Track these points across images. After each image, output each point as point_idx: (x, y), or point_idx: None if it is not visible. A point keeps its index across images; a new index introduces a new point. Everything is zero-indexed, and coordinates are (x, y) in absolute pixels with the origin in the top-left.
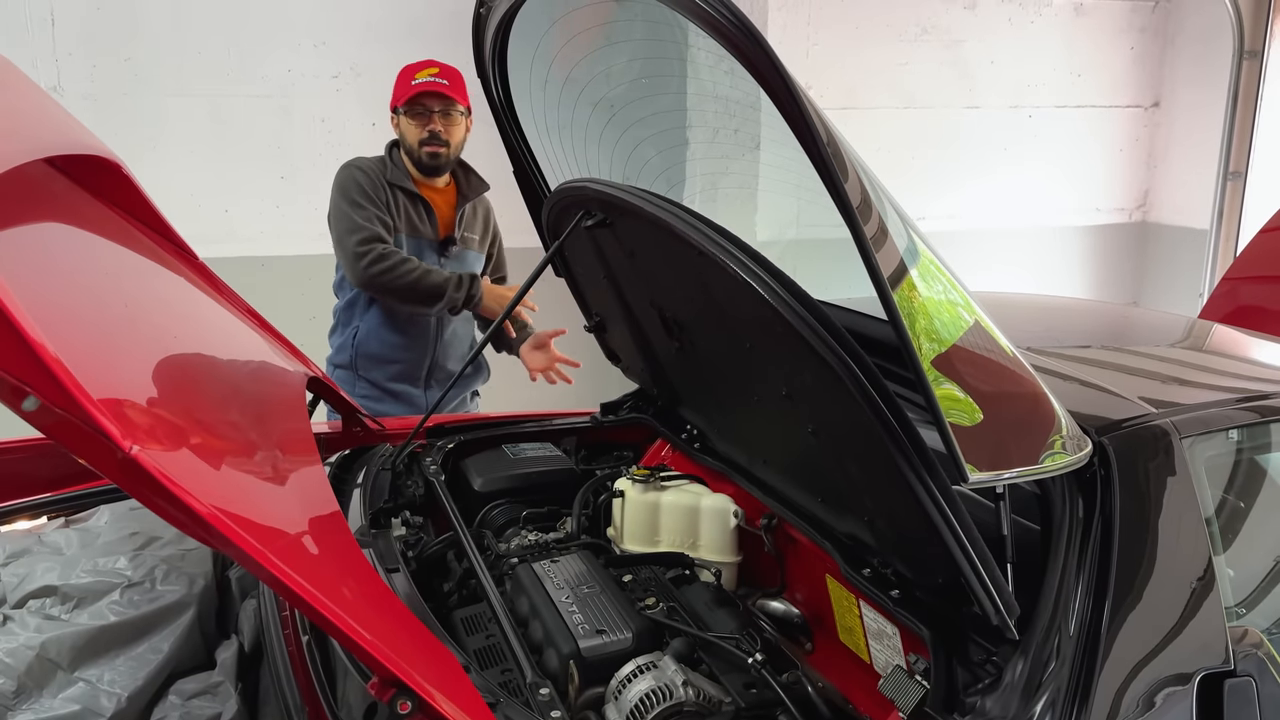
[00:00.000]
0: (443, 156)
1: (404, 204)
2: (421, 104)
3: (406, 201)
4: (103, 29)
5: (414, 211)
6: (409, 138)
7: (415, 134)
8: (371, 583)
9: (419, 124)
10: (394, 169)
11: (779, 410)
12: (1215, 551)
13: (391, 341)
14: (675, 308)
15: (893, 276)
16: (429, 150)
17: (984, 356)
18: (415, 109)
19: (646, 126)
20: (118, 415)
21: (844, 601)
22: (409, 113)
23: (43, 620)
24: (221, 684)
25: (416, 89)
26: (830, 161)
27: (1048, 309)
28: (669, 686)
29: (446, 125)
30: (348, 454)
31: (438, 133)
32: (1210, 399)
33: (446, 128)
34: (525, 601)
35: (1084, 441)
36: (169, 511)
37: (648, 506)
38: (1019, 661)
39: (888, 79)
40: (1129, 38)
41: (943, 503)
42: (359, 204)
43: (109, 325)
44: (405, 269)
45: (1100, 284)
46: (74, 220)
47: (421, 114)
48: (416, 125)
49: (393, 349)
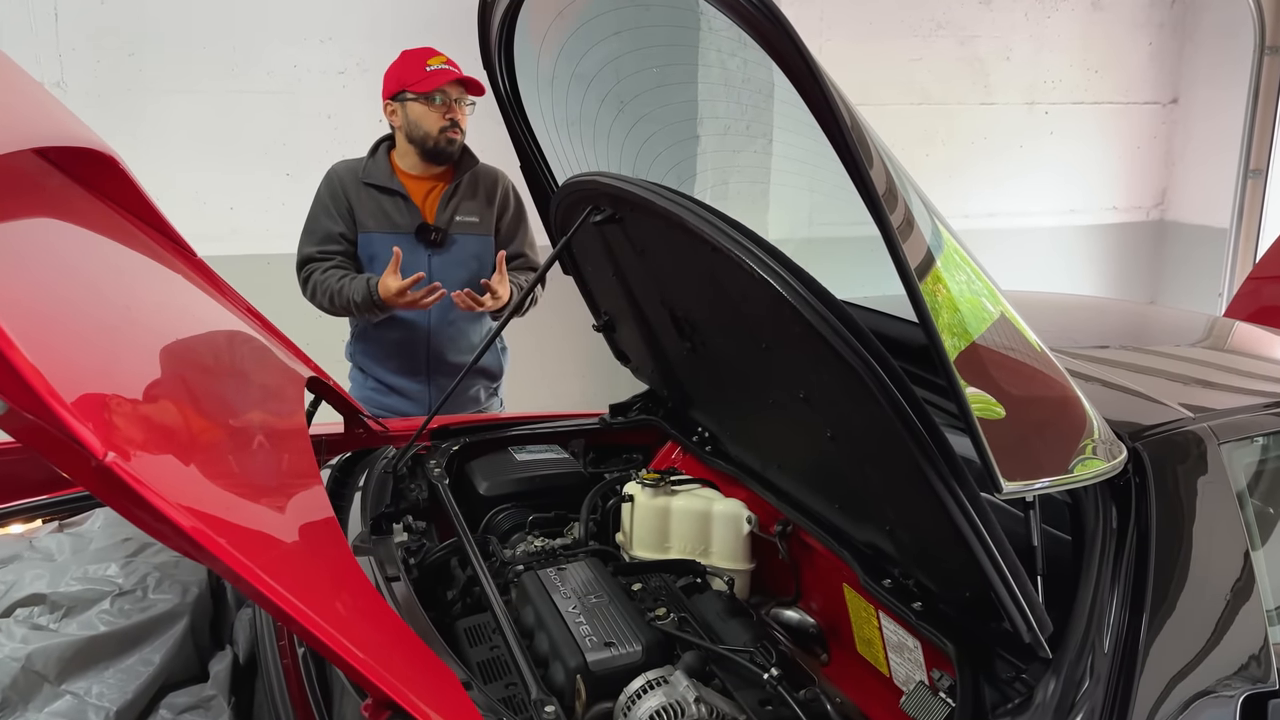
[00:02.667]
0: (457, 144)
1: (376, 202)
2: (445, 91)
3: (383, 198)
4: (107, 24)
5: (392, 206)
6: (425, 124)
7: (435, 121)
8: (367, 596)
9: (440, 111)
10: (372, 166)
11: (796, 413)
12: (1256, 563)
13: (385, 338)
14: (687, 306)
15: (919, 268)
16: (449, 136)
17: (1011, 355)
18: (437, 94)
19: (656, 120)
20: (96, 420)
21: (862, 612)
22: (427, 100)
23: (30, 630)
24: (214, 697)
25: (437, 76)
26: (854, 147)
27: (1064, 307)
28: (680, 703)
29: (462, 114)
30: (349, 456)
31: (456, 121)
32: (1245, 402)
33: (461, 115)
34: (531, 612)
35: (1118, 447)
36: (148, 523)
37: (658, 512)
38: (1051, 680)
39: (901, 75)
40: (1147, 33)
41: (972, 513)
42: (311, 225)
43: (99, 325)
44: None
45: (1117, 284)
46: (66, 215)
47: (443, 100)
48: (437, 113)
49: (387, 345)
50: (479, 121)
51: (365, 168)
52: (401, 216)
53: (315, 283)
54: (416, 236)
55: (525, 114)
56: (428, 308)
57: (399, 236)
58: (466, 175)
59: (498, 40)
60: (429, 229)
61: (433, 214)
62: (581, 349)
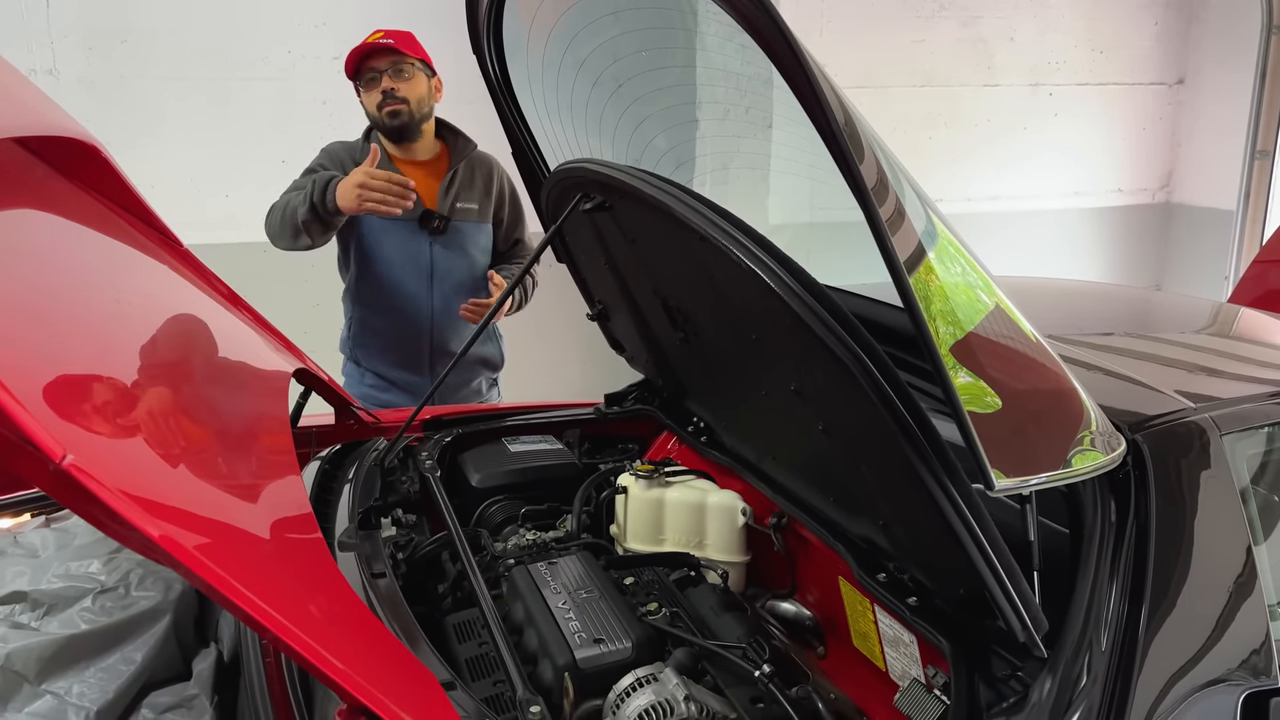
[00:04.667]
0: (404, 114)
1: None
2: (369, 67)
3: None
4: (99, 11)
5: None
6: (369, 106)
7: (372, 100)
8: (344, 599)
9: (372, 88)
10: (364, 149)
11: (788, 405)
12: (1259, 559)
13: (384, 329)
14: (679, 296)
15: (909, 260)
16: (389, 110)
17: (1007, 345)
18: (365, 74)
19: (653, 104)
20: (58, 420)
21: (858, 606)
22: (361, 81)
23: (10, 629)
24: (197, 697)
25: (357, 53)
26: (844, 142)
27: (1066, 293)
28: (670, 702)
29: (399, 82)
30: (340, 448)
31: (391, 90)
32: (1249, 392)
33: (399, 85)
34: (520, 608)
35: (1116, 439)
36: (113, 530)
37: (652, 503)
38: (1047, 679)
39: (904, 57)
40: (1153, 13)
41: (965, 510)
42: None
43: (70, 318)
44: (276, 211)
45: (1122, 267)
46: (45, 205)
47: (372, 78)
48: (371, 90)
49: (387, 337)
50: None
51: (359, 150)
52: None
53: (271, 208)
54: (420, 224)
55: (516, 98)
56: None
57: (401, 223)
58: (463, 163)
59: (486, 21)
60: (432, 216)
61: (433, 201)
62: (581, 337)
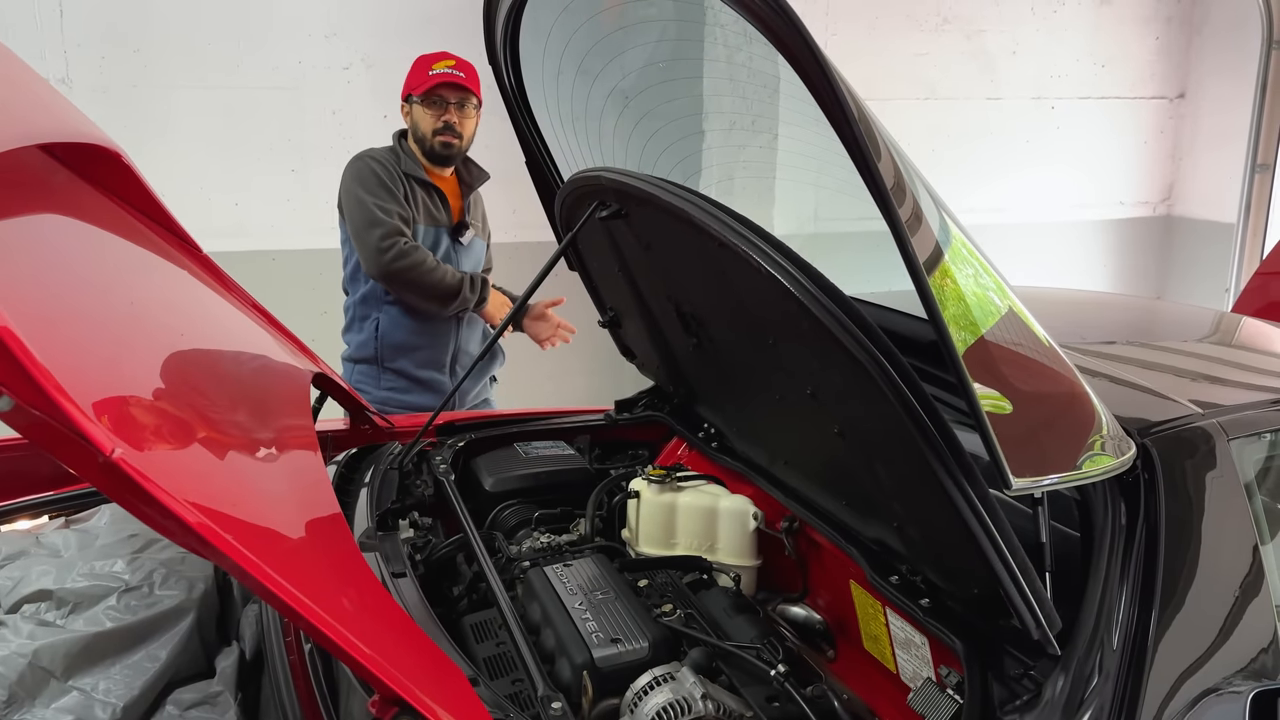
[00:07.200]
0: (455, 148)
1: (420, 194)
2: (439, 94)
3: (422, 191)
4: (112, 20)
5: (429, 201)
6: (423, 126)
7: (430, 124)
8: (374, 592)
9: (435, 114)
10: (406, 159)
11: (802, 410)
12: (1266, 561)
13: (416, 328)
14: (693, 302)
15: (927, 263)
16: (442, 140)
17: (1020, 351)
18: (432, 99)
19: (662, 116)
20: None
21: (869, 609)
22: (425, 102)
23: (36, 626)
24: (221, 694)
25: (434, 79)
26: (863, 141)
27: (1072, 303)
28: (687, 700)
29: (460, 117)
30: (355, 453)
31: (453, 124)
32: (1254, 398)
33: (460, 120)
34: (537, 608)
35: (1126, 443)
36: (155, 519)
37: (664, 508)
38: (1060, 677)
39: (907, 70)
40: (1154, 27)
41: (982, 511)
42: (378, 196)
43: (106, 321)
44: (427, 266)
45: (1124, 279)
46: (72, 211)
47: (438, 104)
48: (432, 115)
49: (418, 335)
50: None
51: (402, 160)
52: (439, 211)
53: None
54: (453, 233)
55: (530, 109)
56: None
57: (438, 230)
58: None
59: (503, 35)
60: (464, 226)
61: (458, 213)
62: (587, 345)
